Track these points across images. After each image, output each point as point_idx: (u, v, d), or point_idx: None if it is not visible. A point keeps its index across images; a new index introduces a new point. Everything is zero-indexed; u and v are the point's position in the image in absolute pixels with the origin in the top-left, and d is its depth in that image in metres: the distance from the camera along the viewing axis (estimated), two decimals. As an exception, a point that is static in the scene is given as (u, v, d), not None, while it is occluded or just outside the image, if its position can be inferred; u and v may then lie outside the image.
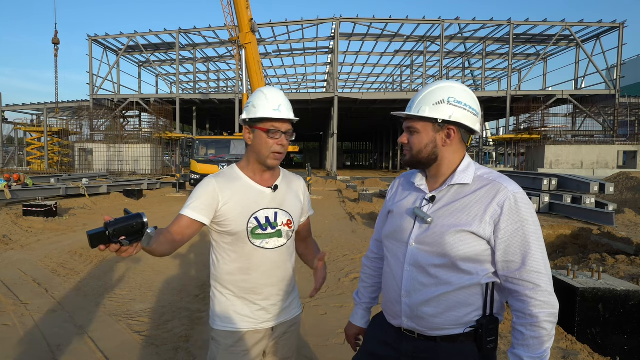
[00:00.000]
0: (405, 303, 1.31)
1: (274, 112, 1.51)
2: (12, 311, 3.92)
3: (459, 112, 1.27)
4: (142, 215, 1.19)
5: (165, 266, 5.59)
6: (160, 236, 1.38)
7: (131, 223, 1.17)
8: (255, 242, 1.53)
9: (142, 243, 1.20)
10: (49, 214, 9.05)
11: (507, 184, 1.24)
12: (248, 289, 1.55)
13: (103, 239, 1.15)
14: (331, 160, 31.16)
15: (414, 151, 1.32)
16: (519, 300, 1.21)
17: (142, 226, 1.18)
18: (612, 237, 6.07)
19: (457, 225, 1.23)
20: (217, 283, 1.60)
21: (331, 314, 3.98)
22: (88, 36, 31.31)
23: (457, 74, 40.87)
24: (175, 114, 31.20)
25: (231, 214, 1.51)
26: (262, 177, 1.60)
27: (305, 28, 30.26)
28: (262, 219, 1.54)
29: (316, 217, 10.23)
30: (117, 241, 1.15)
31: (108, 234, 1.14)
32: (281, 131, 1.53)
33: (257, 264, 1.55)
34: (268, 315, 1.58)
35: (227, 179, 1.57)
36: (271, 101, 1.52)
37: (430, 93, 1.30)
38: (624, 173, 14.78)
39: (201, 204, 1.50)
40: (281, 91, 1.59)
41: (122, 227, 1.15)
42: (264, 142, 1.52)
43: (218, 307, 1.59)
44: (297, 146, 28.68)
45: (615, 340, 2.96)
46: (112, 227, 1.14)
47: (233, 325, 1.55)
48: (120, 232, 1.15)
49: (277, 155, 1.54)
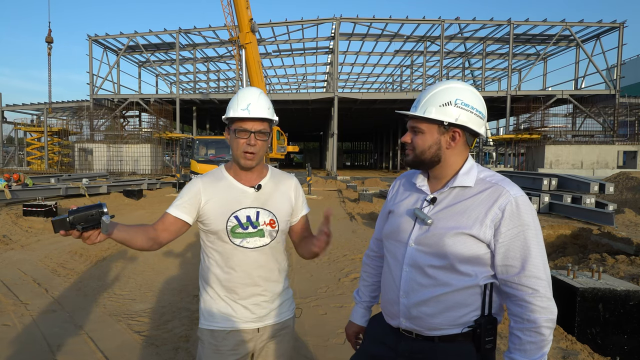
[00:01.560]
0: (404, 303, 1.31)
1: (241, 112, 1.50)
2: (12, 311, 3.92)
3: (465, 115, 1.26)
4: (102, 205, 1.30)
5: (165, 266, 5.60)
6: (140, 231, 1.45)
7: (90, 212, 1.28)
8: (234, 240, 1.53)
9: (101, 231, 1.30)
10: (49, 214, 9.04)
11: (509, 187, 1.23)
12: (230, 287, 1.55)
13: (64, 225, 1.27)
14: (331, 160, 31.16)
15: (417, 151, 1.31)
16: (518, 305, 1.21)
17: (100, 215, 1.29)
18: (612, 237, 6.07)
19: (457, 227, 1.22)
20: (203, 281, 1.62)
21: (331, 314, 3.98)
22: (88, 36, 31.31)
23: (457, 74, 40.87)
24: (175, 114, 31.20)
25: (212, 213, 1.54)
26: (246, 177, 1.59)
27: (305, 28, 30.28)
28: (243, 217, 1.54)
29: (316, 217, 10.20)
30: (75, 227, 1.27)
31: (68, 220, 1.26)
32: (250, 131, 1.50)
33: (237, 263, 1.54)
34: (252, 315, 1.56)
35: (213, 179, 1.60)
36: (241, 101, 1.52)
37: (438, 93, 1.28)
38: (624, 173, 14.78)
39: (184, 203, 1.54)
40: (258, 89, 1.58)
41: (82, 215, 1.28)
42: (235, 143, 1.53)
43: (203, 305, 1.60)
44: (297, 146, 28.69)
45: (615, 340, 2.96)
46: (72, 215, 1.27)
47: (216, 323, 1.55)
48: (79, 219, 1.27)
49: (248, 155, 1.52)
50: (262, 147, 1.54)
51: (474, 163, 1.32)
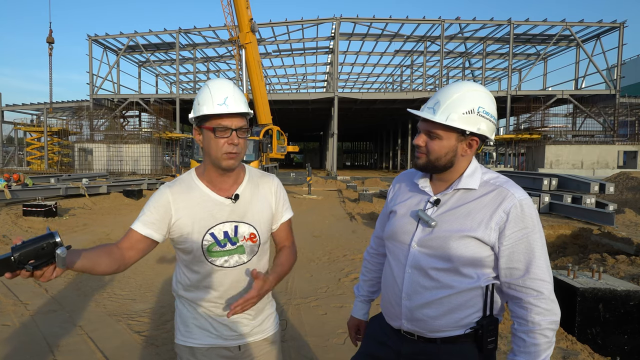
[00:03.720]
0: (406, 305, 1.30)
1: (218, 107, 1.30)
2: (12, 311, 3.92)
3: (485, 124, 1.22)
4: (54, 234, 1.04)
5: (165, 266, 5.60)
6: (102, 254, 1.24)
7: (41, 245, 1.02)
8: (213, 260, 1.38)
9: (57, 265, 1.05)
10: (49, 214, 9.05)
11: (514, 190, 1.22)
12: (208, 306, 1.42)
13: (10, 265, 1.01)
14: (331, 160, 31.16)
15: (432, 157, 1.25)
16: (522, 307, 1.20)
17: (54, 246, 1.03)
18: (613, 237, 6.07)
19: (461, 230, 1.22)
20: (178, 294, 1.48)
21: (331, 314, 3.98)
22: (88, 36, 31.31)
23: (457, 74, 40.88)
24: (175, 114, 31.20)
25: (185, 230, 1.36)
26: (221, 185, 1.41)
27: (305, 28, 30.28)
28: (220, 234, 1.37)
29: (316, 217, 10.23)
30: (24, 267, 1.02)
31: (14, 259, 1.00)
32: (231, 128, 1.31)
33: (217, 283, 1.40)
34: (232, 332, 1.43)
35: (183, 188, 1.40)
36: (216, 95, 1.31)
37: (460, 99, 1.20)
38: (624, 173, 14.79)
39: (152, 218, 1.35)
40: (230, 81, 1.38)
41: (30, 250, 1.01)
42: (214, 143, 1.32)
43: (179, 319, 1.47)
44: (297, 146, 28.65)
45: (615, 340, 2.96)
46: (17, 252, 1.01)
47: (194, 340, 1.43)
48: (28, 255, 1.01)
49: (231, 155, 1.33)
50: (244, 145, 1.36)
51: (478, 165, 1.31)
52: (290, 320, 3.78)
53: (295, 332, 3.52)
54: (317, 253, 6.46)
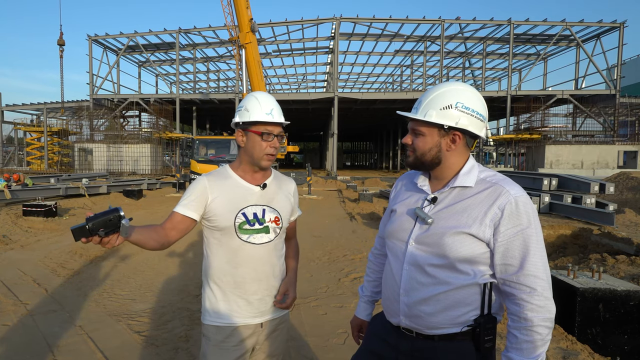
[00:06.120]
0: (404, 301, 1.32)
1: (266, 116, 1.59)
2: (12, 311, 3.92)
3: (465, 119, 1.27)
4: (119, 209, 1.31)
5: (165, 266, 5.60)
6: (152, 231, 1.50)
7: (109, 217, 1.29)
8: (242, 236, 1.60)
9: (121, 234, 1.32)
10: (49, 214, 9.05)
11: (510, 187, 1.23)
12: (236, 283, 1.60)
13: (84, 232, 1.27)
14: (331, 160, 31.14)
15: (418, 153, 1.33)
16: (515, 304, 1.21)
17: (119, 219, 1.29)
18: (613, 237, 6.07)
19: (457, 226, 1.23)
20: (207, 278, 1.66)
21: (331, 314, 3.98)
22: (88, 36, 31.29)
23: (457, 74, 40.88)
24: (175, 114, 31.19)
25: (219, 210, 1.59)
26: (252, 176, 1.67)
27: (305, 28, 30.25)
28: (250, 214, 1.61)
29: (316, 217, 10.23)
30: (96, 234, 1.27)
31: (88, 227, 1.26)
32: (273, 134, 1.61)
33: (244, 259, 1.60)
34: (256, 310, 1.63)
35: (218, 177, 1.66)
36: (264, 106, 1.61)
37: (439, 96, 1.28)
38: (625, 173, 14.78)
39: (191, 201, 1.59)
40: (272, 96, 1.69)
41: (101, 220, 1.28)
42: (258, 145, 1.60)
43: (208, 302, 1.64)
44: (297, 146, 28.58)
45: (615, 340, 2.96)
46: (91, 222, 1.27)
47: (222, 320, 1.60)
48: (99, 225, 1.27)
49: (270, 157, 1.62)
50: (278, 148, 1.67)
51: (475, 163, 1.33)
52: (291, 320, 3.78)
53: (295, 332, 3.52)
54: (317, 253, 6.46)
